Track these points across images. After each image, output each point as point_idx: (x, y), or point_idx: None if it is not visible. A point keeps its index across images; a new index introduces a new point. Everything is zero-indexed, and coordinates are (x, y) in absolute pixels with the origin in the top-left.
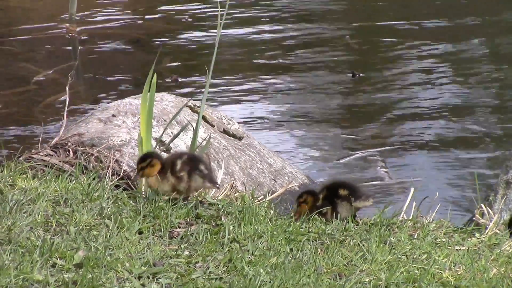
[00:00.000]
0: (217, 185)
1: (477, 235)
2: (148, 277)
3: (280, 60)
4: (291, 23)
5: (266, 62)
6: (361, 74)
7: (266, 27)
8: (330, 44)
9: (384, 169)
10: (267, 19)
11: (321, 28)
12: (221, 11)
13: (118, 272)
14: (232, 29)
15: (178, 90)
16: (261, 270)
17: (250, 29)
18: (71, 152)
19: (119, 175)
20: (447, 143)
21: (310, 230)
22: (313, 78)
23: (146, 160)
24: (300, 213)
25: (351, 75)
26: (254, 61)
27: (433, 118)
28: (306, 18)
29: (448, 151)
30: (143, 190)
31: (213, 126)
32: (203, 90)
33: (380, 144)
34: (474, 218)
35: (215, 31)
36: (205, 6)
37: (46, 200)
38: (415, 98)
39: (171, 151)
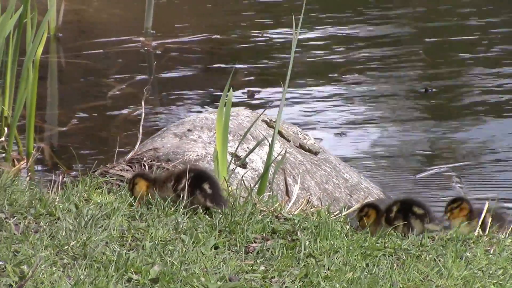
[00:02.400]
0: (219, 206)
1: None
2: None
3: (355, 75)
4: (364, 39)
5: (339, 77)
6: (434, 90)
7: (340, 44)
8: (404, 59)
9: (460, 185)
10: (342, 34)
11: (394, 43)
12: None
13: (194, 287)
14: (307, 41)
15: (254, 105)
16: (337, 285)
17: (325, 48)
18: (146, 167)
19: None
20: None
21: (386, 245)
22: (385, 95)
23: (130, 181)
24: (363, 227)
25: (424, 90)
26: (329, 74)
27: (509, 134)
28: (377, 31)
29: None
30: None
31: (289, 141)
32: (278, 104)
33: (456, 159)
34: None
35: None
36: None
37: (122, 215)
38: (490, 114)
39: (247, 166)
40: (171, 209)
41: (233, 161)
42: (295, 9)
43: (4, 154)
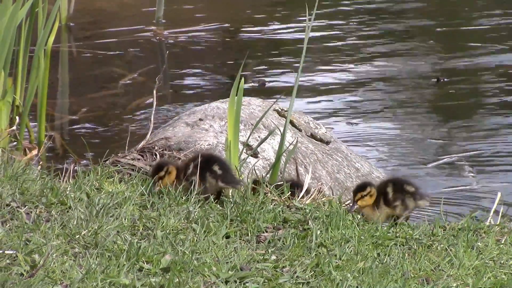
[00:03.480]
0: (234, 185)
1: None
2: (235, 282)
3: (367, 66)
4: (375, 29)
5: (351, 67)
6: (445, 79)
7: (350, 33)
8: (414, 50)
9: (472, 174)
10: (353, 23)
11: (405, 34)
12: (308, 18)
13: (205, 277)
14: (318, 32)
15: (266, 94)
16: (348, 275)
17: (335, 34)
18: (158, 156)
19: None
20: None
21: (398, 234)
22: (397, 85)
23: (163, 168)
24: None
25: (435, 80)
26: (340, 64)
27: None
28: (390, 22)
29: None
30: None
31: (300, 130)
32: (290, 93)
33: (468, 149)
34: None
35: (303, 34)
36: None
37: (133, 204)
38: (503, 103)
39: (258, 155)
40: (182, 198)
41: (244, 150)
42: None
43: (15, 143)
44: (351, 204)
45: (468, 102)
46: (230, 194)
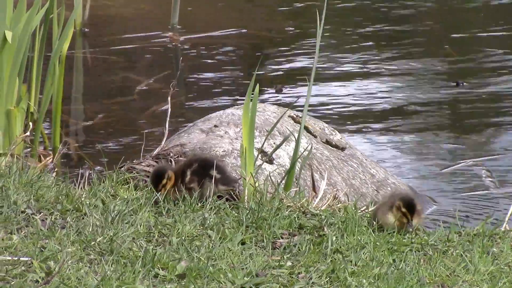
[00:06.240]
0: (233, 185)
1: None
2: None
3: (382, 69)
4: (389, 34)
5: (366, 71)
6: (464, 83)
7: (366, 39)
8: (430, 54)
9: (490, 179)
10: (366, 30)
11: (419, 39)
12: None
13: (221, 283)
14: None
15: (281, 101)
16: (364, 281)
17: (347, 46)
18: (173, 163)
19: None
20: None
21: (413, 240)
22: (416, 88)
23: (163, 176)
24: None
25: (455, 84)
26: (355, 69)
27: None
28: (404, 25)
29: None
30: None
31: (315, 136)
32: (305, 99)
33: (486, 153)
34: None
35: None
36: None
37: (148, 211)
38: None
39: (274, 161)
40: (198, 204)
41: (259, 156)
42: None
43: (30, 150)
44: (409, 224)
45: (487, 106)
46: (246, 200)
